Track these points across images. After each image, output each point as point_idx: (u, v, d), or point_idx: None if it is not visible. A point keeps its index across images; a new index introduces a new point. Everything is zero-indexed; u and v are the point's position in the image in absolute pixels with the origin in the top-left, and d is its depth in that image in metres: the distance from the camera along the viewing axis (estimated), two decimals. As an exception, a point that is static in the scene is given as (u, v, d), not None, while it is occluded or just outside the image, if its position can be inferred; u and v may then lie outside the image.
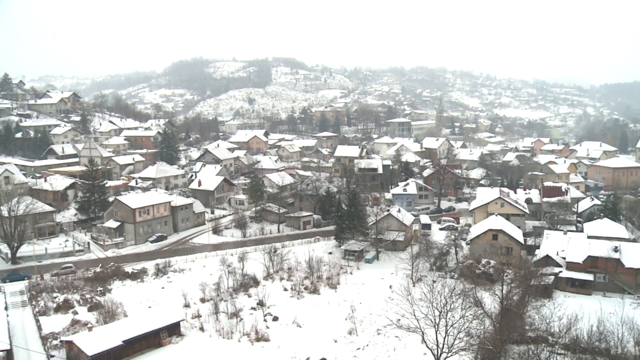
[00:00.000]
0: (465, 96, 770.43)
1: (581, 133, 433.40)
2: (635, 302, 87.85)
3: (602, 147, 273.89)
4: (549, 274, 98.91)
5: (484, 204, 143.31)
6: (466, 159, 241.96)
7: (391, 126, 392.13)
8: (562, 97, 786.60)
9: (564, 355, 67.84)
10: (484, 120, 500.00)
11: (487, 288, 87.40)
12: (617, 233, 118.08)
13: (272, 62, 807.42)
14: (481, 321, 71.34)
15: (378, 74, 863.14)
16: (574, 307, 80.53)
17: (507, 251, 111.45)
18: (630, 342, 70.21)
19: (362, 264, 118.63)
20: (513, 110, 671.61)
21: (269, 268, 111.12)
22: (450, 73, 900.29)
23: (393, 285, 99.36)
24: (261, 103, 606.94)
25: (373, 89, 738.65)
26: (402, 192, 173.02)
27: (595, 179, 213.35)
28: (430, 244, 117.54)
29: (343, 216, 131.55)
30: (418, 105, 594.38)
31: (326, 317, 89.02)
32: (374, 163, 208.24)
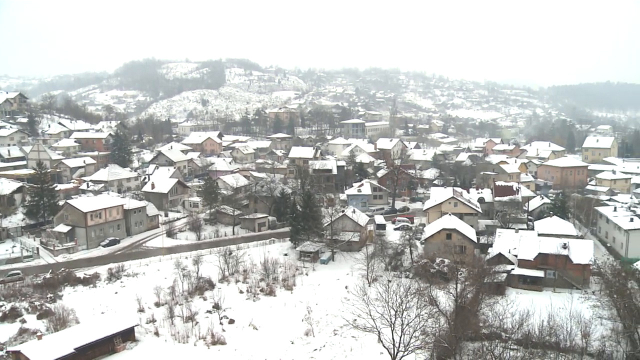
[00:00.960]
0: (419, 97, 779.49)
1: (531, 133, 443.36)
2: (583, 296, 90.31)
3: (551, 147, 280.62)
4: (501, 272, 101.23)
5: (437, 204, 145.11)
6: (420, 160, 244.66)
7: (345, 127, 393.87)
8: (512, 99, 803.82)
9: (517, 350, 69.22)
10: (437, 121, 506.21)
11: (441, 287, 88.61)
12: (566, 230, 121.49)
13: (226, 63, 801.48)
14: (436, 319, 72.31)
15: (332, 75, 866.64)
16: (526, 304, 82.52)
17: (460, 250, 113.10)
18: (578, 335, 72.77)
19: (317, 265, 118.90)
20: (465, 111, 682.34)
21: (224, 270, 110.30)
22: (404, 74, 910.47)
23: (349, 286, 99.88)
24: (215, 104, 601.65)
25: (327, 90, 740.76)
26: (356, 193, 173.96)
27: (544, 178, 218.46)
28: (385, 244, 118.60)
29: (298, 217, 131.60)
30: (372, 106, 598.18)
31: (283, 318, 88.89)
32: (329, 164, 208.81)
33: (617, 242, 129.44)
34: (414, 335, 65.44)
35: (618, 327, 76.42)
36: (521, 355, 66.14)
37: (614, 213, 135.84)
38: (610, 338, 75.20)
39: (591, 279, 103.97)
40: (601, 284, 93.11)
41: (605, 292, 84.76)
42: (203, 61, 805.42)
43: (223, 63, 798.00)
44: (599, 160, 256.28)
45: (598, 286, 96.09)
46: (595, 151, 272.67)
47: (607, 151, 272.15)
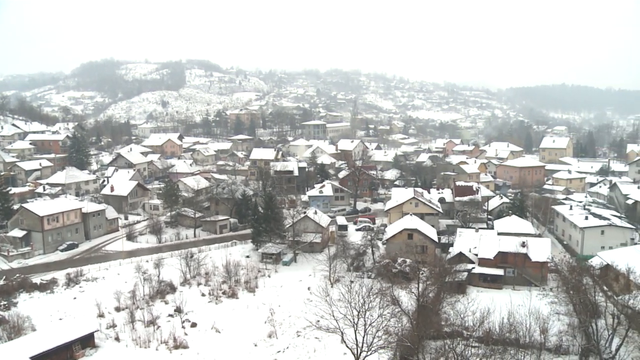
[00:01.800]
0: (379, 98, 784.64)
1: (490, 134, 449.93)
2: (541, 293, 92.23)
3: (509, 148, 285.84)
4: (462, 271, 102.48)
5: (398, 204, 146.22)
6: (381, 160, 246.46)
7: (307, 128, 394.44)
8: (471, 100, 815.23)
9: (478, 348, 70.35)
10: (397, 122, 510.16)
11: (403, 286, 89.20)
12: (525, 229, 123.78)
13: (186, 64, 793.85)
14: (399, 319, 72.83)
15: (293, 76, 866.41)
16: (487, 302, 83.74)
17: (422, 250, 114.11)
18: (536, 331, 74.31)
19: (280, 266, 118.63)
20: (425, 112, 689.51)
21: (185, 274, 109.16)
22: (365, 76, 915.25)
23: (311, 287, 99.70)
24: (175, 106, 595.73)
25: (288, 92, 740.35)
26: (318, 194, 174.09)
27: (503, 178, 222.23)
28: (347, 245, 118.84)
29: (260, 219, 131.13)
30: (333, 108, 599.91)
31: (245, 321, 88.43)
32: (290, 165, 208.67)
33: (573, 239, 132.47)
34: (376, 335, 65.85)
35: (574, 322, 78.25)
36: (482, 352, 67.27)
37: (570, 212, 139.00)
38: (567, 333, 77.11)
39: (549, 276, 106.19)
40: (558, 280, 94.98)
41: (562, 289, 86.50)
42: (163, 62, 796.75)
43: (183, 64, 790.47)
44: (556, 160, 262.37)
45: (555, 283, 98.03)
46: (552, 151, 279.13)
47: (563, 151, 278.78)
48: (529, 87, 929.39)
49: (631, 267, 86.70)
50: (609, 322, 75.52)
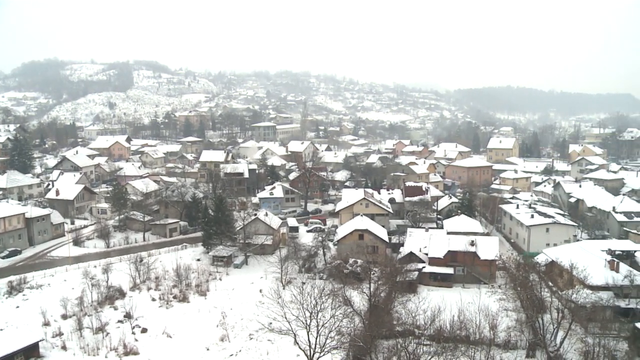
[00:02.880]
0: (329, 100, 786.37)
1: (439, 135, 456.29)
2: (490, 291, 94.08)
3: (458, 148, 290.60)
4: (413, 270, 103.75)
5: (349, 205, 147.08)
6: (331, 162, 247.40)
7: (257, 130, 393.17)
8: (420, 101, 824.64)
9: (429, 346, 71.34)
10: (347, 124, 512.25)
11: (355, 287, 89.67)
12: (473, 228, 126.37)
13: (134, 65, 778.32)
14: (351, 319, 73.31)
15: (243, 78, 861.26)
16: (437, 300, 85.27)
17: (373, 250, 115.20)
18: (486, 328, 76.02)
19: (231, 269, 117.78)
20: (375, 114, 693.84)
21: (135, 278, 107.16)
22: (315, 77, 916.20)
23: (263, 289, 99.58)
24: (122, 107, 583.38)
25: (238, 93, 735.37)
26: (269, 196, 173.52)
27: (452, 178, 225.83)
28: (299, 246, 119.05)
29: (210, 222, 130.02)
30: (283, 109, 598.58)
31: (197, 325, 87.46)
32: (240, 167, 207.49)
33: (520, 237, 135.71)
34: (329, 335, 66.10)
35: (522, 318, 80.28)
36: (434, 350, 68.20)
37: (517, 210, 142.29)
38: (515, 328, 79.07)
39: (497, 274, 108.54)
40: (506, 277, 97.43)
41: (510, 286, 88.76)
42: (110, 63, 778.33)
43: (131, 65, 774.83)
44: (502, 160, 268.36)
45: (503, 280, 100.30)
46: (499, 152, 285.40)
47: (509, 151, 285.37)
48: (476, 89, 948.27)
49: (574, 263, 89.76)
50: (554, 317, 77.85)
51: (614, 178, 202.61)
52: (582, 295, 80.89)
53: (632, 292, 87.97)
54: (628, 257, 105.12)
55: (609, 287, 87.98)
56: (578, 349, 74.00)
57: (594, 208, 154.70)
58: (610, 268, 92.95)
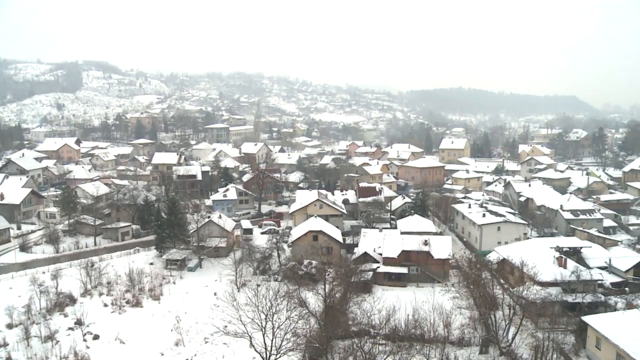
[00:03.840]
0: (283, 101, 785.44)
1: (392, 136, 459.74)
2: (444, 289, 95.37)
3: (411, 149, 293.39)
4: (367, 270, 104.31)
5: (303, 207, 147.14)
6: (285, 163, 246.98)
7: (210, 132, 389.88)
8: (373, 103, 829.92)
9: (385, 345, 72.02)
10: (301, 125, 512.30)
11: (310, 288, 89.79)
12: (426, 228, 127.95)
13: (83, 65, 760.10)
14: (307, 320, 73.35)
15: (195, 79, 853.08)
16: (392, 300, 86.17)
17: (327, 251, 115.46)
18: (440, 326, 77.18)
19: (185, 272, 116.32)
20: (328, 115, 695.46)
21: (86, 284, 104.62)
22: (268, 79, 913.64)
23: (218, 292, 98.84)
24: (71, 109, 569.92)
25: (190, 95, 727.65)
26: (222, 198, 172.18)
27: (405, 179, 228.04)
28: (253, 249, 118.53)
29: (163, 225, 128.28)
30: (236, 111, 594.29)
31: (151, 330, 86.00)
32: (193, 170, 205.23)
33: (472, 236, 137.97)
34: (285, 337, 65.90)
35: (475, 315, 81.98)
36: (389, 349, 68.82)
37: (469, 210, 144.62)
38: (469, 325, 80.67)
39: (450, 272, 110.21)
40: (459, 276, 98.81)
41: (463, 284, 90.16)
42: (57, 63, 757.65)
43: (80, 65, 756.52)
44: (454, 160, 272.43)
45: (457, 278, 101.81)
46: (451, 152, 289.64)
47: (461, 152, 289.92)
48: (428, 90, 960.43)
49: (524, 261, 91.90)
50: (505, 313, 79.82)
51: (561, 177, 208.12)
52: (532, 292, 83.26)
53: (578, 287, 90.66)
54: (575, 254, 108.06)
55: (557, 283, 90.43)
56: (529, 343, 75.90)
57: (543, 207, 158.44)
58: (558, 264, 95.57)
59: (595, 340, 74.40)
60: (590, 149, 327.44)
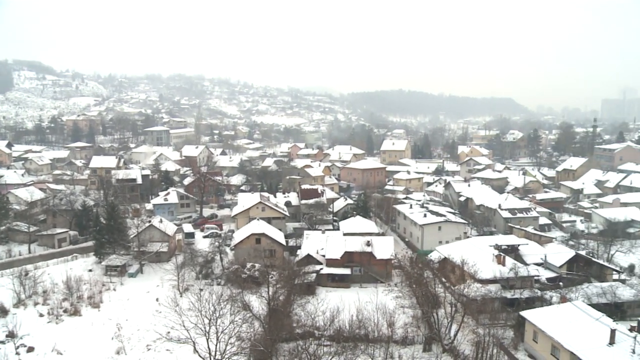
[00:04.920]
0: (224, 104, 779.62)
1: (333, 138, 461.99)
2: (387, 289, 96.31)
3: (352, 151, 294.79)
4: (311, 272, 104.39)
5: (245, 210, 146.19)
6: (226, 166, 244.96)
7: (150, 135, 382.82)
8: (315, 105, 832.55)
9: (330, 346, 72.18)
10: (242, 127, 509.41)
11: (254, 291, 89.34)
12: (369, 228, 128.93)
13: (13, 65, 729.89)
14: (251, 324, 72.78)
15: (134, 81, 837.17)
16: (336, 301, 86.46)
17: (270, 253, 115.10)
18: (384, 326, 77.67)
19: (125, 278, 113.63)
20: (270, 117, 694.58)
21: (20, 294, 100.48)
22: (209, 81, 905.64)
23: (160, 298, 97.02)
24: (2, 111, 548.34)
25: (129, 97, 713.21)
26: (163, 202, 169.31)
27: (347, 180, 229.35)
28: (195, 253, 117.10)
29: (102, 230, 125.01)
30: (177, 114, 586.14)
31: (90, 339, 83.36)
32: (133, 173, 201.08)
33: (414, 236, 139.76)
34: (229, 342, 65.17)
35: (418, 314, 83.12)
36: (334, 350, 69.00)
37: (410, 210, 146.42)
38: (412, 324, 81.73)
39: (393, 272, 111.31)
40: (402, 276, 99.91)
41: (405, 283, 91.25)
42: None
43: (10, 65, 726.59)
44: (395, 161, 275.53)
45: (399, 278, 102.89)
46: (392, 153, 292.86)
47: (402, 153, 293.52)
48: (369, 92, 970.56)
49: (465, 259, 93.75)
50: (447, 311, 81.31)
51: (499, 177, 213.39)
52: (472, 289, 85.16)
53: (516, 284, 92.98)
54: (513, 251, 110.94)
55: (496, 280, 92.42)
56: (470, 339, 77.41)
57: (482, 206, 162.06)
58: (497, 262, 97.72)
59: (533, 333, 76.99)
60: (525, 149, 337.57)
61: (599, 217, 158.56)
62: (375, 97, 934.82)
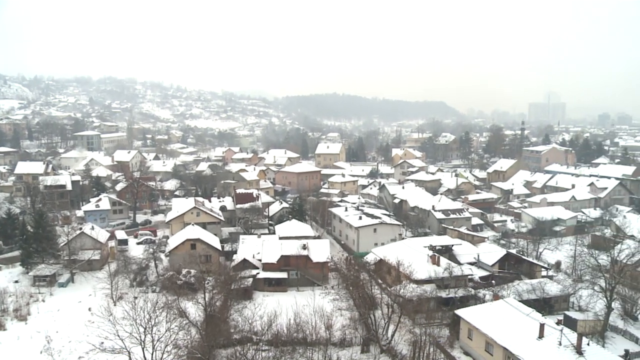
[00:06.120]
0: (157, 108, 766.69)
1: (268, 141, 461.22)
2: (324, 292, 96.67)
3: (287, 154, 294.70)
4: (247, 277, 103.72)
5: (180, 215, 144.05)
6: (160, 171, 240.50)
7: (80, 139, 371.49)
8: (249, 108, 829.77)
9: (268, 351, 71.92)
10: (176, 132, 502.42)
11: (190, 297, 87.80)
12: (305, 232, 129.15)
13: None
14: (187, 331, 71.64)
15: (63, 83, 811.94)
16: (273, 305, 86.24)
17: (206, 259, 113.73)
18: (322, 328, 77.72)
19: (55, 289, 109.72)
20: (204, 121, 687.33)
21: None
22: (141, 84, 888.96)
23: (92, 307, 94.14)
24: None
25: (58, 100, 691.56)
26: (94, 209, 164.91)
27: (282, 184, 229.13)
28: (129, 260, 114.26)
29: (29, 239, 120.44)
30: (108, 118, 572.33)
31: (17, 354, 79.94)
32: (62, 179, 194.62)
33: (350, 239, 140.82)
34: (165, 350, 63.99)
35: (355, 316, 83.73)
36: (272, 354, 68.89)
37: (346, 213, 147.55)
38: (349, 326, 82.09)
39: (330, 275, 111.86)
40: (338, 278, 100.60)
41: (342, 286, 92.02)
42: None
43: None
44: (330, 165, 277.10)
45: (336, 281, 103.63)
46: (327, 157, 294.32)
47: (336, 156, 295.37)
48: (304, 96, 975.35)
49: (400, 260, 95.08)
50: (384, 312, 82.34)
51: (433, 179, 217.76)
52: (408, 290, 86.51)
53: (451, 283, 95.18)
54: (447, 251, 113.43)
55: (431, 280, 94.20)
56: (407, 339, 78.73)
57: (416, 207, 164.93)
58: (432, 262, 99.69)
59: (468, 331, 78.96)
60: (458, 151, 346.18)
61: (528, 216, 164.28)
62: (309, 101, 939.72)
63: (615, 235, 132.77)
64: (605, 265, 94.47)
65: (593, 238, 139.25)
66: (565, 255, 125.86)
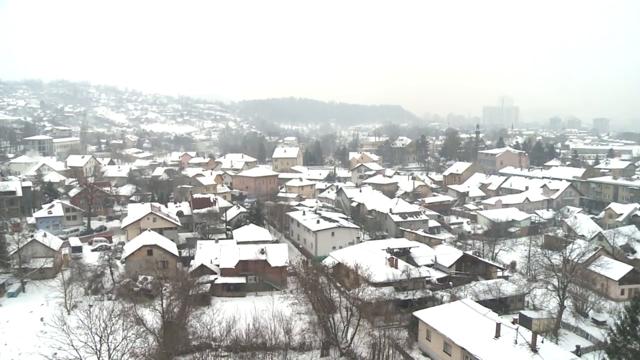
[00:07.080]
0: (111, 112, 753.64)
1: (225, 146, 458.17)
2: (283, 296, 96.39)
3: (244, 159, 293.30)
4: (205, 282, 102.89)
5: (136, 221, 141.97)
6: (115, 176, 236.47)
7: (30, 144, 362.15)
8: (206, 113, 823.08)
9: (227, 357, 71.44)
10: (131, 136, 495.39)
11: (147, 304, 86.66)
12: (263, 236, 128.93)
13: None
14: (145, 339, 70.59)
15: (11, 86, 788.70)
16: (232, 310, 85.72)
17: (163, 265, 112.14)
18: (281, 333, 77.79)
19: (4, 299, 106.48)
20: (160, 126, 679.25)
21: None
22: (95, 88, 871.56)
23: (45, 317, 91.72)
24: None
25: (6, 104, 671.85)
26: (47, 215, 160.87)
27: (239, 188, 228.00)
28: (83, 267, 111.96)
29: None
30: (60, 122, 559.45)
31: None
32: (12, 185, 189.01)
33: (308, 242, 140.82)
34: (122, 358, 62.91)
35: (314, 319, 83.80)
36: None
37: (303, 217, 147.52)
38: (309, 330, 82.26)
39: (288, 279, 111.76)
40: (297, 282, 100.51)
41: (301, 290, 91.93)
42: None
43: None
44: (288, 169, 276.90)
45: (295, 285, 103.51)
46: (284, 161, 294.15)
47: (294, 160, 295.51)
48: (260, 100, 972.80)
49: (359, 263, 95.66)
50: (343, 315, 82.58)
51: (390, 182, 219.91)
52: (367, 293, 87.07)
53: (409, 285, 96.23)
54: (404, 254, 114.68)
55: (390, 282, 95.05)
56: (367, 342, 79.17)
57: (374, 211, 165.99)
58: (390, 265, 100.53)
59: (426, 332, 80.00)
60: (414, 155, 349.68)
61: (484, 218, 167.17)
62: (266, 105, 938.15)
63: (567, 236, 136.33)
64: (557, 265, 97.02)
65: (546, 238, 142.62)
66: (519, 256, 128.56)
